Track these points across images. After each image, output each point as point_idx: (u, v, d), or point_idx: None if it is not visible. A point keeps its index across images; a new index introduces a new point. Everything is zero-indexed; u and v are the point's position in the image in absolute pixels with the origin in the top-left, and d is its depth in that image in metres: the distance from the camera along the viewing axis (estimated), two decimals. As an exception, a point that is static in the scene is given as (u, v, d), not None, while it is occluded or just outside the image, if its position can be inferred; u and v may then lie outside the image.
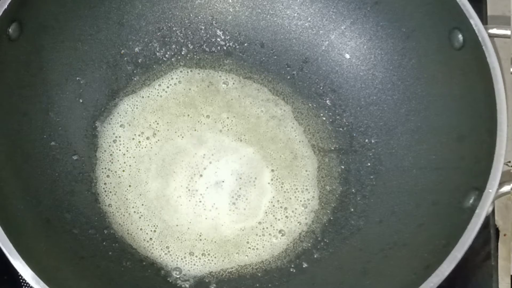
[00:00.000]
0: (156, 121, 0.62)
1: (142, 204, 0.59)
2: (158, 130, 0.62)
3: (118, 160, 0.60)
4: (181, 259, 0.57)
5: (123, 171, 0.60)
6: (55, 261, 0.50)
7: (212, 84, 0.64)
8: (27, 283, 0.47)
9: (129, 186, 0.60)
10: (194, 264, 0.57)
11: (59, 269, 0.50)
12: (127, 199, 0.59)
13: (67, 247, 0.53)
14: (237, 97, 0.64)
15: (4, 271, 0.54)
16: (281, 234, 0.59)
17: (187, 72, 0.64)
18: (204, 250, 0.58)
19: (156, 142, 0.62)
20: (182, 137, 0.62)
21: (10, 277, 0.57)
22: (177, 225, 0.58)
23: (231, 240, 0.58)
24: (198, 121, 0.62)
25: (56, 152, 0.57)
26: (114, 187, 0.60)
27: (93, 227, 0.56)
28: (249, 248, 0.58)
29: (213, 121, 0.63)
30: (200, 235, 0.58)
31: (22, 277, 0.46)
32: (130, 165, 0.60)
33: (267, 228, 0.59)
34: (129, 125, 0.62)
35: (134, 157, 0.61)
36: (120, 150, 0.61)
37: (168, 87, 0.64)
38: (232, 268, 0.57)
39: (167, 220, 0.59)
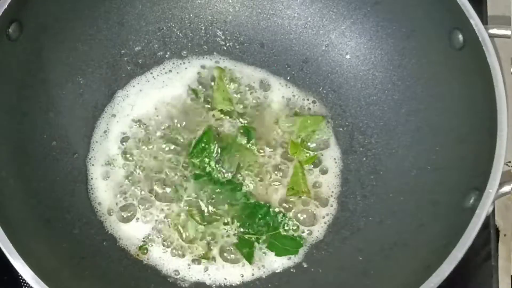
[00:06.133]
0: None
1: (142, 204, 0.59)
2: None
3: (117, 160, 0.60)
4: (182, 259, 0.57)
5: (123, 171, 0.60)
6: (55, 261, 0.50)
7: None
8: (27, 283, 0.47)
9: (129, 186, 0.60)
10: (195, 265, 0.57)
11: (59, 269, 0.50)
12: (127, 199, 0.59)
13: (67, 247, 0.53)
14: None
15: (4, 271, 0.54)
16: (281, 234, 0.59)
17: (185, 72, 0.64)
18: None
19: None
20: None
21: (10, 277, 0.57)
22: (177, 225, 0.58)
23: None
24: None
25: (56, 152, 0.57)
26: (114, 187, 0.59)
27: (93, 227, 0.56)
28: (249, 248, 0.58)
29: (213, 121, 0.63)
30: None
31: (22, 277, 0.46)
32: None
33: (267, 228, 0.59)
34: (128, 125, 0.61)
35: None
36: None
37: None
38: (232, 268, 0.57)
39: (167, 220, 0.59)
